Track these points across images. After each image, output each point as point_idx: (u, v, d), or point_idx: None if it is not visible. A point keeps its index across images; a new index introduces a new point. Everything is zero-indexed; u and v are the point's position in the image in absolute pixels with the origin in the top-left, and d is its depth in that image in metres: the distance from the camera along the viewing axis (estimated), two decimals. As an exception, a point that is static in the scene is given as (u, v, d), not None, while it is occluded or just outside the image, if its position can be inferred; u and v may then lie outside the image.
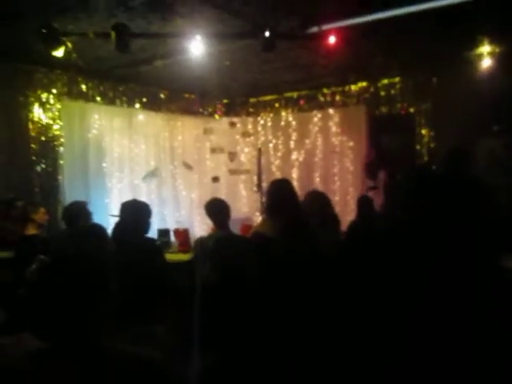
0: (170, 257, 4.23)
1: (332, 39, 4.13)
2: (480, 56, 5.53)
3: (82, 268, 1.39)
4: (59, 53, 3.94)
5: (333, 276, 2.90)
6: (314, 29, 4.19)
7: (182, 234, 5.04)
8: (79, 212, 3.79)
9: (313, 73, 6.15)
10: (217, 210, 3.35)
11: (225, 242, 2.80)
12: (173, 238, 5.21)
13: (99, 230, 1.53)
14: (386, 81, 6.52)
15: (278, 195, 3.07)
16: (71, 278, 1.35)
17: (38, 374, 1.19)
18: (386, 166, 5.89)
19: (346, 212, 6.36)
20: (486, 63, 5.51)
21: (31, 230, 4.20)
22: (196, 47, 4.29)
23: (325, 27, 4.14)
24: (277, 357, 2.48)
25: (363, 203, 3.69)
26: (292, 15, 4.12)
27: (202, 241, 3.26)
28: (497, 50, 5.44)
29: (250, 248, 2.92)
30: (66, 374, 1.18)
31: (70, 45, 4.06)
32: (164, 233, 5.17)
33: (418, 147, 6.32)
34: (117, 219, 3.20)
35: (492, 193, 2.53)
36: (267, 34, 3.97)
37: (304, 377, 2.47)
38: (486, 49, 5.45)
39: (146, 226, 3.20)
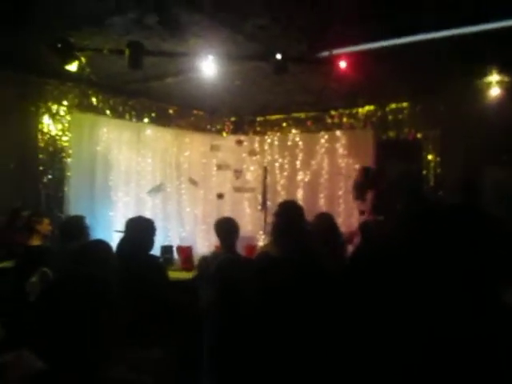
0: (173, 274, 4.19)
1: (342, 64, 4.17)
2: (489, 85, 5.57)
3: (87, 288, 1.38)
4: (73, 67, 4.00)
5: (339, 299, 2.87)
6: (325, 53, 4.23)
7: (186, 251, 5.02)
8: (77, 227, 3.78)
9: (322, 95, 6.19)
10: (226, 230, 3.34)
11: (227, 267, 2.78)
12: (176, 254, 5.19)
13: (105, 247, 1.52)
14: (394, 105, 6.55)
15: (286, 217, 3.05)
16: (76, 299, 1.34)
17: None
18: (374, 186, 5.93)
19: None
20: (495, 92, 5.54)
21: (35, 241, 4.20)
22: (208, 66, 4.34)
23: (335, 52, 4.19)
24: (282, 380, 2.45)
25: (366, 228, 3.67)
26: (303, 39, 4.17)
27: (206, 260, 3.24)
28: (506, 79, 5.47)
29: (253, 272, 2.90)
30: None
31: (83, 59, 4.10)
32: (167, 249, 5.16)
33: (424, 172, 6.32)
34: (121, 235, 3.19)
35: (500, 225, 2.51)
36: (278, 57, 4.01)
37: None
38: (494, 78, 5.48)
39: (149, 243, 3.20)
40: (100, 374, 1.25)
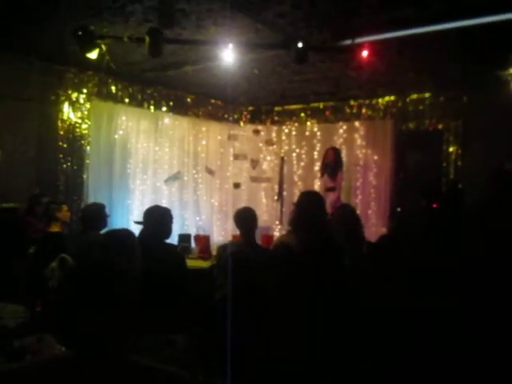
0: (190, 263, 4.21)
1: (365, 53, 4.09)
2: (512, 76, 5.42)
3: (111, 276, 1.38)
4: (93, 55, 3.99)
5: (356, 292, 2.85)
6: (347, 42, 4.15)
7: (203, 241, 5.03)
8: (97, 214, 3.80)
9: (341, 85, 6.11)
10: (246, 219, 3.32)
11: (241, 256, 2.77)
12: (193, 243, 5.21)
13: (131, 235, 1.52)
14: (415, 96, 6.42)
15: (306, 207, 3.01)
16: (99, 286, 1.33)
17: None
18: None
19: (367, 226, 6.27)
20: (519, 84, 5.39)
21: (54, 228, 4.25)
22: (227, 55, 4.30)
23: (358, 40, 4.11)
24: (297, 370, 2.44)
25: (395, 218, 3.63)
26: (325, 27, 4.10)
27: (224, 249, 3.24)
28: (531, 70, 5.32)
29: (269, 262, 2.89)
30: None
31: (103, 47, 4.10)
32: (185, 238, 5.17)
33: (444, 164, 6.21)
34: (139, 225, 3.21)
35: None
36: (300, 45, 3.95)
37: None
38: (518, 69, 5.34)
39: (167, 231, 3.21)
40: (121, 359, 1.25)
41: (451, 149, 6.16)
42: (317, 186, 7.15)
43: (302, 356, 2.52)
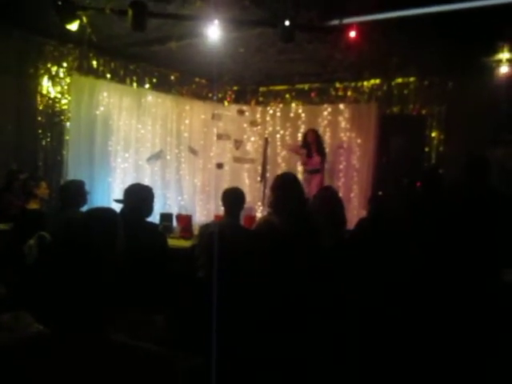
0: (172, 242, 4.18)
1: (352, 34, 4.05)
2: (498, 62, 5.45)
3: (90, 254, 1.35)
4: (73, 26, 3.87)
5: (333, 274, 2.87)
6: (335, 22, 4.11)
7: (185, 220, 4.99)
8: (76, 191, 3.73)
9: (327, 66, 6.07)
10: (234, 199, 3.29)
11: (222, 235, 2.75)
12: (175, 222, 5.17)
13: (114, 214, 1.48)
14: (400, 80, 6.42)
15: (284, 190, 3.01)
16: (77, 264, 1.30)
17: (37, 363, 1.15)
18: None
19: (349, 209, 6.31)
20: (504, 70, 5.42)
21: (33, 205, 4.16)
22: (212, 31, 4.21)
23: (346, 21, 4.06)
24: (274, 352, 2.46)
25: (375, 202, 3.65)
26: (313, 6, 4.04)
27: (207, 229, 3.21)
28: (516, 57, 5.35)
29: (254, 238, 2.88)
30: (68, 365, 1.14)
31: (85, 19, 3.97)
32: (167, 217, 5.13)
33: (426, 149, 6.26)
34: (119, 204, 3.16)
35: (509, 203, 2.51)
36: (287, 23, 3.89)
37: (305, 372, 2.46)
38: (504, 55, 5.36)
39: (148, 209, 3.16)
40: (100, 337, 1.22)
41: (434, 134, 6.20)
42: (300, 167, 7.15)
43: (283, 332, 2.54)
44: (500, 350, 2.15)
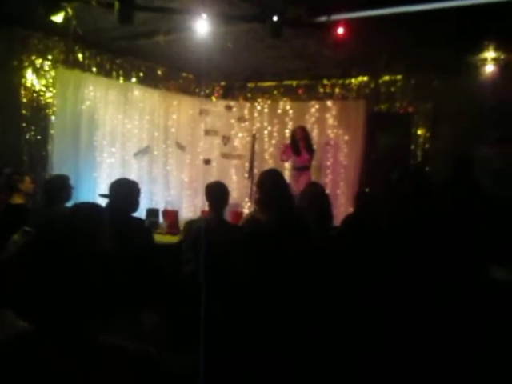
0: (158, 238, 4.16)
1: (340, 30, 4.05)
2: (484, 61, 5.51)
3: (74, 251, 1.33)
4: (58, 18, 3.79)
5: (323, 271, 2.88)
6: (323, 18, 4.10)
7: (172, 216, 4.97)
8: (61, 186, 3.69)
9: (315, 63, 6.07)
10: (217, 194, 3.28)
11: (208, 231, 2.74)
12: (161, 218, 5.14)
13: (99, 210, 1.45)
14: (387, 77, 6.45)
15: (270, 187, 3.01)
16: (63, 260, 1.29)
17: (21, 361, 1.13)
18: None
19: (336, 206, 6.33)
20: (490, 69, 5.49)
21: (17, 200, 4.10)
22: (200, 26, 4.18)
23: (334, 17, 4.06)
24: (264, 350, 2.46)
25: (361, 199, 3.67)
26: (301, 2, 4.03)
27: (192, 225, 3.20)
28: (501, 56, 5.41)
29: (240, 236, 2.88)
30: (52, 364, 1.12)
31: (70, 11, 3.91)
32: (153, 212, 5.10)
33: (412, 147, 6.31)
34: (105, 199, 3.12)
35: (493, 201, 2.53)
36: (275, 18, 3.87)
37: (294, 370, 2.46)
38: (490, 54, 5.42)
39: (134, 205, 3.14)
40: (87, 338, 1.21)
41: (420, 132, 6.25)
42: (287, 164, 7.15)
43: (272, 330, 2.54)
44: (487, 345, 2.18)
